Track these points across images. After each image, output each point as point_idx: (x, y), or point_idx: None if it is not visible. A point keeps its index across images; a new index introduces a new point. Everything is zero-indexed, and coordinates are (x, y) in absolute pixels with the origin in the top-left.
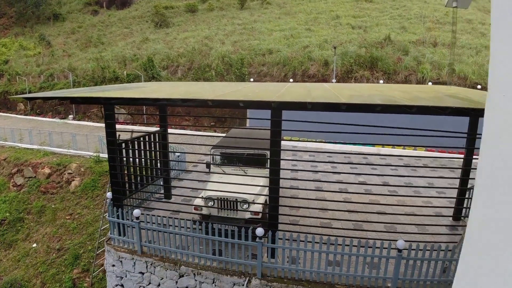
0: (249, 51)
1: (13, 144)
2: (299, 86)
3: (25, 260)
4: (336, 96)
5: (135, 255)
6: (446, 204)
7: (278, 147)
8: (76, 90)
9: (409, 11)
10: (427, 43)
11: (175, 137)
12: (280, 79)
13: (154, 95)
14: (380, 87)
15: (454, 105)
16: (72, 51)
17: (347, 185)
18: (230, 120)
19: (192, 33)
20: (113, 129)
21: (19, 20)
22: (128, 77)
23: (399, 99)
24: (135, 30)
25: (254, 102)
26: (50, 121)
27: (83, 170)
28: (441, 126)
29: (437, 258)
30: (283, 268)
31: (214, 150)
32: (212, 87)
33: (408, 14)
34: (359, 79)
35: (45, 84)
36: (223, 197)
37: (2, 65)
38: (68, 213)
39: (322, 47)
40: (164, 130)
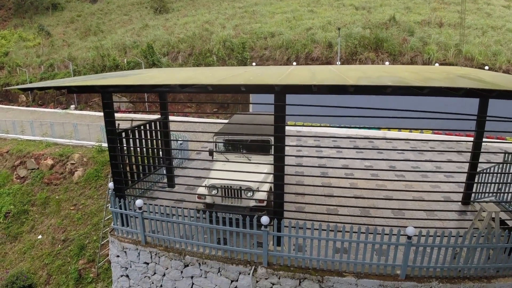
0: (251, 34)
1: (15, 136)
2: (303, 69)
3: (30, 252)
4: (342, 78)
5: (139, 246)
6: (454, 189)
7: (282, 133)
8: (72, 79)
9: None
10: (433, 23)
11: (177, 125)
12: (283, 62)
13: (151, 82)
14: (387, 68)
15: (468, 86)
16: (71, 40)
17: (353, 170)
18: (233, 106)
19: (192, 18)
20: (112, 118)
21: (17, 11)
22: (129, 64)
23: (410, 80)
24: (135, 16)
25: (256, 86)
26: (52, 112)
27: (86, 160)
28: (446, 108)
29: (447, 245)
30: (289, 256)
31: (217, 137)
32: (213, 72)
33: None
34: (364, 61)
35: (45, 74)
36: (227, 185)
37: (2, 57)
38: (72, 203)
39: (325, 29)
40: (165, 118)
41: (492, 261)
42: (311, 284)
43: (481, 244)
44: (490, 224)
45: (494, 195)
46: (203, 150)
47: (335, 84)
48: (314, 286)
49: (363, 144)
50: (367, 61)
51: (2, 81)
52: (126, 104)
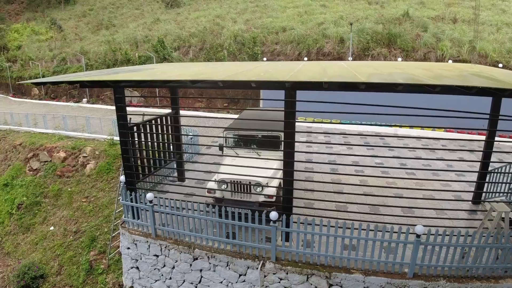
0: (262, 29)
1: (28, 129)
2: (314, 64)
3: (42, 243)
4: (354, 74)
5: (150, 238)
6: (465, 188)
7: (293, 129)
8: (85, 74)
9: None
10: (447, 19)
11: (188, 119)
12: (294, 57)
13: (163, 77)
14: (399, 64)
15: (480, 85)
16: (83, 34)
17: (363, 167)
18: (243, 101)
19: (204, 12)
20: (124, 112)
21: (30, 5)
22: (140, 59)
23: (421, 77)
24: (146, 11)
25: (267, 83)
26: (65, 105)
27: (98, 153)
28: (459, 106)
29: (456, 244)
30: (297, 252)
31: (227, 132)
32: (224, 67)
33: None
34: (376, 57)
35: (58, 68)
36: (237, 180)
37: (15, 50)
38: (84, 196)
39: (337, 24)
40: (176, 113)
41: (500, 261)
42: (318, 280)
43: (490, 244)
44: (499, 224)
45: (505, 195)
46: (213, 145)
47: (346, 81)
48: (322, 282)
49: (373, 141)
50: (379, 57)
51: (15, 75)
52: (138, 98)
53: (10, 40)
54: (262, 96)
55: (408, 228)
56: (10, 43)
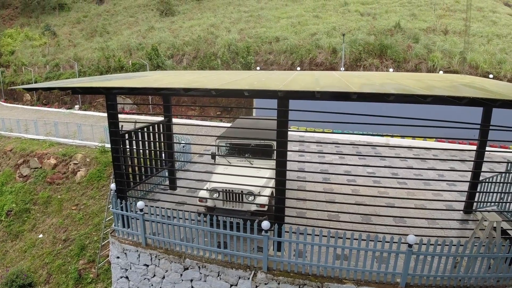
0: (256, 39)
1: (19, 135)
2: (307, 74)
3: (31, 251)
4: (346, 84)
5: (140, 247)
6: (457, 197)
7: (285, 138)
8: (78, 80)
9: None
10: (438, 30)
11: (181, 127)
12: (287, 67)
13: (155, 84)
14: (391, 75)
15: (471, 95)
16: (77, 41)
17: (355, 176)
18: (236, 109)
19: (198, 21)
20: (116, 120)
21: (24, 11)
22: (134, 66)
23: (413, 88)
24: (141, 18)
25: (260, 92)
26: (57, 111)
27: (89, 161)
28: (450, 116)
29: (448, 254)
30: (289, 262)
31: (220, 140)
32: (217, 75)
33: (418, 1)
34: (368, 67)
35: (51, 74)
36: (228, 189)
37: (8, 55)
38: (74, 203)
39: (330, 35)
40: (169, 120)
41: (492, 271)
42: None
43: (482, 254)
44: (491, 234)
45: (496, 204)
46: (206, 153)
47: (338, 91)
48: None
49: (365, 151)
50: (371, 68)
51: (7, 80)
52: (130, 106)
53: (3, 45)
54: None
55: (400, 238)
56: (3, 48)
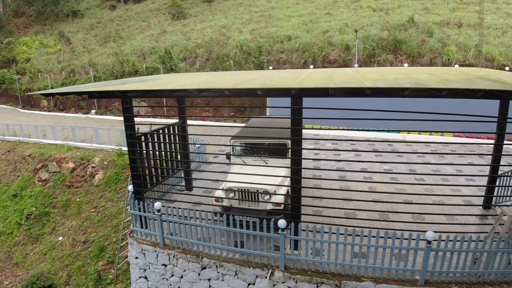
0: (267, 38)
1: (37, 140)
2: (320, 71)
3: (51, 253)
4: (359, 80)
5: (158, 248)
6: (475, 192)
7: (299, 136)
8: (94, 85)
9: None
10: (452, 24)
11: (195, 129)
12: (300, 66)
13: (169, 86)
14: (405, 70)
15: (487, 87)
16: (91, 46)
17: (372, 173)
18: (250, 109)
19: (209, 23)
20: (132, 122)
21: (38, 19)
22: (147, 70)
23: (427, 82)
24: (153, 23)
25: (273, 90)
26: (73, 116)
27: (106, 164)
28: (467, 110)
29: (467, 249)
30: (306, 260)
31: (234, 140)
32: (230, 76)
33: None
34: (382, 63)
35: (66, 80)
36: (244, 188)
37: (24, 63)
38: (93, 206)
39: (342, 32)
40: (183, 122)
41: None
42: None
43: (502, 249)
44: (511, 228)
45: None
46: (221, 153)
47: (352, 87)
48: None
49: (382, 147)
50: (385, 63)
51: (24, 87)
52: (145, 109)
53: (19, 53)
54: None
55: (419, 235)
56: (19, 56)
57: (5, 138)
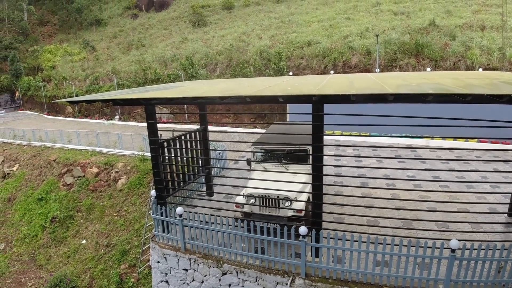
0: (287, 44)
1: (62, 145)
2: (341, 77)
3: (74, 256)
4: (381, 86)
5: (179, 252)
6: (501, 200)
7: (321, 142)
8: (118, 92)
9: None
10: (475, 27)
11: (216, 135)
12: (320, 71)
13: (192, 94)
14: (428, 74)
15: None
16: (115, 54)
17: (395, 180)
18: (270, 115)
19: (230, 30)
20: (155, 129)
21: (62, 27)
22: (169, 77)
23: (451, 87)
24: (174, 30)
25: (294, 97)
26: (97, 123)
27: (129, 169)
28: (492, 115)
29: (492, 258)
30: (328, 268)
31: (255, 146)
32: (250, 82)
33: None
34: (404, 68)
35: (91, 87)
36: (265, 195)
37: (49, 70)
38: (116, 210)
39: (363, 36)
40: (205, 128)
41: None
42: None
43: None
44: None
45: None
46: (241, 159)
47: (374, 93)
48: None
49: (405, 154)
50: (407, 68)
51: (49, 94)
52: (167, 115)
53: (44, 60)
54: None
55: (443, 243)
56: (44, 64)
57: (31, 144)
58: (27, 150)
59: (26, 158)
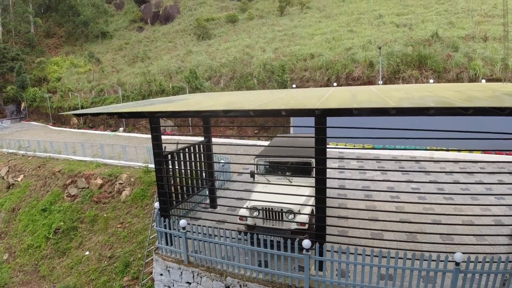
0: (291, 57)
1: (67, 156)
2: (344, 90)
3: (77, 268)
4: (384, 99)
5: (182, 265)
6: (506, 212)
7: (324, 155)
8: (123, 105)
9: (456, 5)
10: (477, 38)
11: (220, 146)
12: (324, 83)
13: (196, 107)
14: (431, 87)
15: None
16: (120, 66)
17: (399, 193)
18: (274, 128)
19: (234, 43)
20: (159, 141)
21: (69, 39)
22: (173, 89)
23: (453, 100)
24: (179, 43)
25: (297, 111)
26: (102, 134)
27: (133, 180)
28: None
29: (497, 271)
30: (331, 282)
31: (258, 159)
32: (254, 95)
33: (454, 8)
34: (408, 79)
35: (96, 99)
36: (268, 207)
37: (55, 82)
38: (119, 222)
39: (366, 48)
40: (208, 141)
41: None
42: None
43: None
44: None
45: None
46: (244, 172)
47: (376, 107)
48: None
49: (409, 166)
50: (410, 79)
51: (55, 105)
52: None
53: (50, 72)
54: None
55: (447, 256)
56: (50, 75)
57: (36, 154)
58: (32, 161)
59: (31, 169)
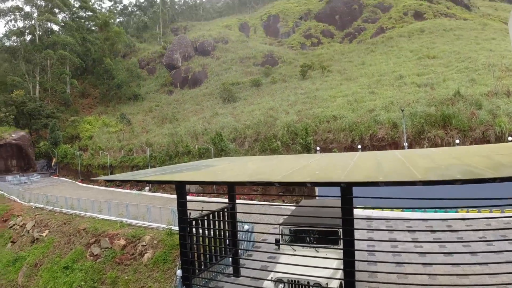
0: (313, 119)
1: (93, 214)
2: (368, 157)
3: None
4: (409, 170)
5: None
6: None
7: (351, 226)
8: (152, 171)
9: (476, 62)
10: (500, 93)
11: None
12: (348, 145)
13: (223, 178)
14: (457, 152)
15: None
16: (149, 127)
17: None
18: (298, 189)
19: (258, 106)
20: (185, 208)
21: (102, 100)
22: (199, 151)
23: (480, 169)
24: (206, 106)
25: (322, 183)
26: (128, 192)
27: (156, 243)
28: None
29: None
30: None
31: (284, 227)
32: (279, 163)
33: (475, 65)
34: (433, 139)
35: (124, 158)
36: (295, 280)
37: (86, 140)
38: (140, 285)
39: (388, 109)
40: (233, 207)
41: None
42: None
43: None
44: None
45: None
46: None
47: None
48: None
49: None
50: (436, 139)
51: (85, 162)
52: (195, 187)
53: (82, 130)
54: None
55: None
56: (82, 133)
57: (63, 211)
58: (58, 216)
59: (56, 225)
